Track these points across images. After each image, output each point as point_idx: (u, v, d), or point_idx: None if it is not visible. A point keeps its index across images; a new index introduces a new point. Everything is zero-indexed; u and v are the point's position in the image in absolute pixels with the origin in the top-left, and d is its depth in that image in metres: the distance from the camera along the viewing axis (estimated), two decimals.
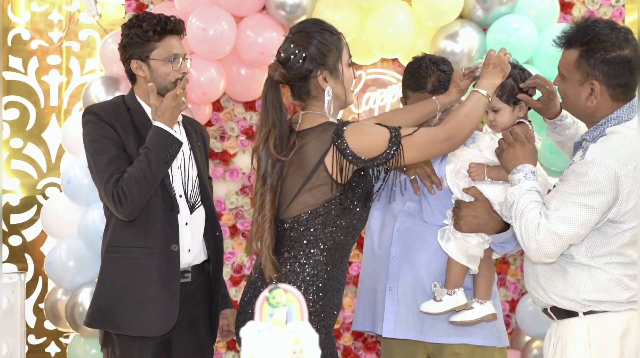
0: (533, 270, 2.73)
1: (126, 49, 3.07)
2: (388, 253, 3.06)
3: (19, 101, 5.02)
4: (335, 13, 4.07)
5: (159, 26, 3.03)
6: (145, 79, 3.07)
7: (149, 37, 3.03)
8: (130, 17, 3.15)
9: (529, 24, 4.01)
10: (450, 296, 2.89)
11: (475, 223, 2.86)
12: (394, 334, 3.02)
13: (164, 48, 3.05)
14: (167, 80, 3.06)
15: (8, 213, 4.99)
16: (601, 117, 2.61)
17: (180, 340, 3.11)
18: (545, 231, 2.52)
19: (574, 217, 2.50)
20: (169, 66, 3.06)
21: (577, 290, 2.59)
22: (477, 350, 3.00)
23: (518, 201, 2.62)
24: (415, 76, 3.00)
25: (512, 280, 4.30)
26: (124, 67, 3.13)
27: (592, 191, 2.49)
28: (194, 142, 3.21)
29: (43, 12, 5.01)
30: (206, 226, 3.18)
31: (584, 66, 2.58)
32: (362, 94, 4.46)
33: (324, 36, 2.72)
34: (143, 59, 3.05)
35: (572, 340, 2.61)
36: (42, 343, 4.97)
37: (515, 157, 2.70)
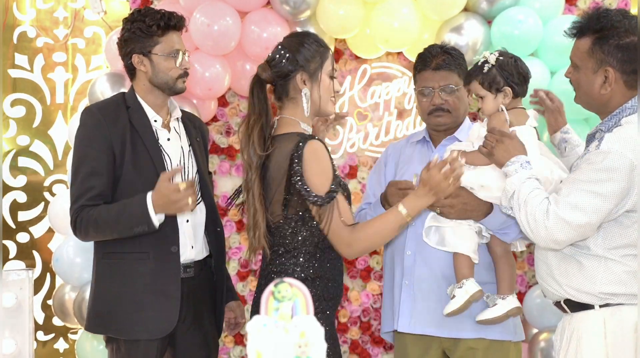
0: (546, 263, 2.72)
1: (127, 43, 3.07)
2: (403, 249, 3.06)
3: (25, 98, 5.03)
4: (340, 7, 4.06)
5: (163, 21, 3.04)
6: (146, 74, 3.07)
7: (152, 32, 3.03)
8: (131, 12, 3.16)
9: (533, 16, 4.00)
10: (460, 289, 2.89)
11: (465, 210, 2.90)
12: (409, 329, 3.02)
13: (167, 43, 3.05)
14: (169, 75, 3.06)
15: (15, 210, 5.01)
16: (615, 107, 2.60)
17: (185, 335, 3.12)
18: (555, 217, 2.51)
19: (586, 205, 2.48)
20: (172, 61, 3.06)
21: (594, 283, 2.58)
22: (493, 344, 3.00)
23: (519, 189, 2.62)
24: (422, 57, 3.16)
25: (519, 273, 4.30)
26: (124, 62, 3.12)
27: (606, 179, 2.47)
28: (193, 138, 3.21)
29: (48, 10, 5.02)
30: (207, 222, 3.19)
31: (598, 53, 2.58)
32: (367, 88, 4.46)
33: (310, 44, 2.87)
34: (145, 53, 3.05)
35: (587, 333, 2.60)
36: (50, 340, 4.99)
37: (507, 151, 2.72)
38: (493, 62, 2.88)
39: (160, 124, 3.11)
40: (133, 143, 3.00)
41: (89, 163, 2.96)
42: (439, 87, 3.08)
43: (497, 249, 3.00)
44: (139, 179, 2.99)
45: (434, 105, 3.08)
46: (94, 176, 2.95)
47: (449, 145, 3.11)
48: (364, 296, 4.35)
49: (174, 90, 3.11)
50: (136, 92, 3.11)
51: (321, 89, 2.86)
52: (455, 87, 3.09)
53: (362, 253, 2.81)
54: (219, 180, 4.39)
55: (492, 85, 2.89)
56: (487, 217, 2.91)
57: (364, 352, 4.38)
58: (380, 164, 3.28)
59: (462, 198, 2.87)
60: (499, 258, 3.00)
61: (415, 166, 3.11)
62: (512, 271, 3.01)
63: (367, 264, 4.37)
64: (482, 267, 3.01)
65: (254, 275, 4.38)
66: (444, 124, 3.12)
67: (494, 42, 4.03)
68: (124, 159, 2.98)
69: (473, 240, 2.93)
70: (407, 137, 3.39)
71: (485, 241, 2.99)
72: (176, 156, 3.10)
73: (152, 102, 3.11)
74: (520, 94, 2.93)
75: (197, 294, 3.13)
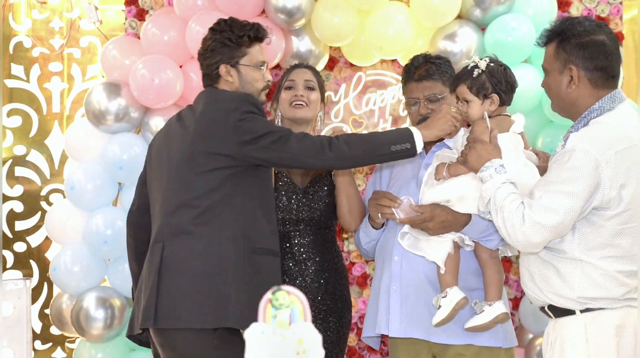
0: (528, 270, 2.73)
1: (214, 53, 3.02)
2: (391, 254, 3.08)
3: (21, 108, 5.04)
4: (334, 16, 4.08)
5: (252, 32, 3.03)
6: (232, 85, 3.03)
7: (242, 42, 3.01)
8: (217, 21, 3.11)
9: (527, 23, 4.03)
10: (445, 299, 2.90)
11: (444, 227, 2.92)
12: (399, 333, 3.03)
13: (254, 54, 3.04)
14: (255, 87, 3.04)
15: (12, 220, 5.01)
16: (584, 107, 2.64)
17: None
18: (530, 221, 2.52)
19: (558, 205, 2.50)
20: (258, 72, 3.04)
21: (572, 288, 2.59)
22: (483, 350, 2.99)
23: (494, 195, 2.64)
24: (407, 69, 3.20)
25: (515, 278, 4.32)
26: (206, 71, 3.07)
27: (573, 177, 2.50)
28: None
29: (44, 20, 5.04)
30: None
31: (562, 53, 2.65)
32: (362, 96, 4.48)
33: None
34: (233, 64, 3.02)
35: (570, 338, 2.60)
36: (48, 349, 4.98)
37: (480, 156, 2.74)
38: (483, 68, 2.89)
39: None
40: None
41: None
42: (423, 97, 3.11)
43: (483, 256, 3.00)
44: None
45: (421, 115, 3.12)
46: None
47: (438, 151, 3.14)
48: (360, 303, 4.36)
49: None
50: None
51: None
52: (439, 96, 3.11)
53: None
54: None
55: (480, 90, 2.90)
56: (466, 227, 2.93)
57: None
58: (377, 177, 3.30)
59: (437, 217, 2.90)
60: (485, 264, 3.00)
61: (407, 176, 3.15)
62: (499, 278, 3.01)
63: (363, 270, 4.39)
64: (470, 273, 3.01)
65: None
66: None
67: (488, 49, 4.06)
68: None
69: (445, 250, 2.95)
70: None
71: (470, 249, 2.99)
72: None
73: None
74: (506, 103, 2.96)
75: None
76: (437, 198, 2.92)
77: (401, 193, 3.03)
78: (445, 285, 2.92)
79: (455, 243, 2.96)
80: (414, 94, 3.14)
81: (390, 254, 3.08)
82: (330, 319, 3.31)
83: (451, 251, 2.94)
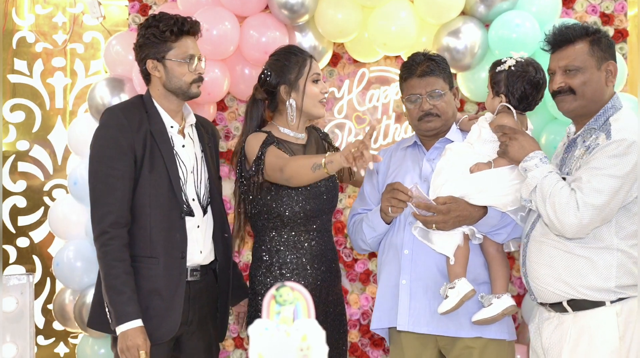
0: (550, 266, 2.80)
1: (142, 49, 3.09)
2: (401, 248, 3.09)
3: (24, 103, 5.04)
4: (338, 12, 4.07)
5: (176, 27, 3.05)
6: (160, 80, 3.09)
7: (166, 37, 3.04)
8: (146, 17, 3.17)
9: (530, 20, 4.01)
10: (453, 290, 2.92)
11: (459, 221, 2.96)
12: (408, 327, 3.04)
13: (180, 49, 3.07)
14: (183, 80, 3.09)
15: (15, 215, 5.02)
16: (603, 104, 2.84)
17: (191, 338, 3.14)
18: (583, 204, 2.66)
19: (605, 187, 2.66)
20: (185, 66, 3.07)
21: (609, 278, 2.72)
22: (490, 343, 3.03)
23: (541, 183, 2.74)
24: (406, 66, 3.22)
25: (518, 275, 4.31)
26: (139, 67, 3.14)
27: (621, 162, 2.67)
28: (205, 144, 3.24)
29: (47, 15, 5.04)
30: (215, 227, 3.21)
31: (598, 52, 2.82)
32: (365, 92, 4.47)
33: (287, 57, 3.30)
34: (159, 59, 3.07)
35: (600, 329, 2.71)
36: (51, 344, 5.00)
37: (522, 147, 2.84)
38: (506, 67, 2.96)
39: (176, 130, 3.14)
40: (151, 148, 3.03)
41: (110, 187, 2.99)
42: (426, 93, 3.13)
43: (490, 249, 3.04)
44: (152, 184, 3.02)
45: (423, 111, 3.13)
46: (116, 202, 2.99)
47: (440, 148, 3.15)
48: (363, 299, 4.36)
49: (188, 95, 3.13)
50: (152, 97, 3.13)
51: (305, 95, 3.24)
52: (442, 92, 3.14)
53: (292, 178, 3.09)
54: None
55: (494, 86, 2.99)
56: (481, 220, 2.96)
57: (364, 355, 4.39)
58: (372, 172, 3.30)
59: (453, 211, 2.92)
60: (492, 258, 3.04)
61: (407, 169, 3.18)
62: (506, 271, 3.05)
63: (366, 267, 4.38)
64: (480, 266, 3.04)
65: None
66: (435, 128, 3.16)
67: (492, 45, 4.05)
68: (143, 164, 3.01)
69: (455, 242, 2.97)
70: (397, 143, 3.45)
71: (478, 242, 3.02)
72: (190, 163, 3.13)
73: (167, 107, 3.14)
74: (517, 107, 3.00)
75: (202, 297, 3.16)
76: (455, 191, 2.94)
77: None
78: (454, 275, 2.95)
79: (465, 235, 2.98)
80: (416, 89, 3.14)
81: (400, 247, 3.09)
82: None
83: (461, 244, 2.97)
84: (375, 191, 3.26)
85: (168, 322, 3.03)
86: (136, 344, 2.92)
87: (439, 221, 2.93)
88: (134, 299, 2.95)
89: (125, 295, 2.94)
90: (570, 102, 2.86)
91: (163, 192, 3.02)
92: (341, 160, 2.84)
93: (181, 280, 3.05)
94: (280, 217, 3.26)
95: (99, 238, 2.98)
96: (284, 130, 3.32)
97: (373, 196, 3.26)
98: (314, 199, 3.26)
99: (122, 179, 2.98)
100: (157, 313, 3.01)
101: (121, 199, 2.98)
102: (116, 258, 2.95)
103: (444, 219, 2.92)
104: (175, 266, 3.03)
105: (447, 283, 2.97)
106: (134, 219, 3.01)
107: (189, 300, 3.09)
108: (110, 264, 2.95)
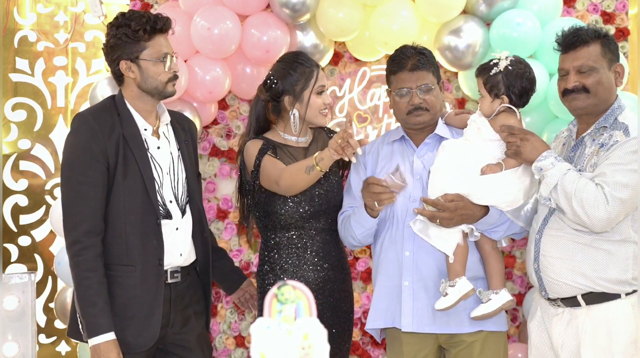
0: (570, 260, 2.86)
1: (114, 50, 2.99)
2: (401, 249, 3.09)
3: (26, 102, 5.04)
4: (339, 10, 4.07)
5: (149, 25, 2.96)
6: (134, 81, 3.00)
7: (139, 36, 2.95)
8: (115, 16, 3.04)
9: (532, 19, 4.01)
10: (453, 288, 2.94)
11: (463, 219, 2.97)
12: (411, 328, 3.06)
13: (154, 47, 2.99)
14: (159, 80, 3.01)
15: (17, 214, 5.02)
16: (611, 103, 2.94)
17: (176, 337, 3.11)
18: (612, 198, 2.72)
19: (629, 181, 2.73)
20: (160, 65, 3.00)
21: (627, 270, 2.79)
22: (490, 335, 3.08)
23: (562, 181, 2.78)
24: (396, 59, 3.21)
25: (519, 274, 4.32)
26: (111, 69, 3.04)
27: (637, 159, 2.74)
28: (182, 141, 3.17)
29: (49, 14, 5.04)
30: (194, 228, 3.16)
31: (608, 53, 2.93)
32: (366, 91, 4.47)
33: (294, 68, 3.31)
34: (133, 59, 2.97)
35: (618, 321, 2.77)
36: (52, 343, 5.00)
37: (535, 148, 2.88)
38: (501, 69, 2.96)
39: (150, 132, 3.07)
40: (124, 153, 2.95)
41: (82, 195, 2.92)
42: (416, 87, 3.13)
43: (486, 246, 3.08)
44: (126, 191, 2.96)
45: (413, 105, 3.13)
46: (90, 210, 2.93)
47: (430, 143, 3.16)
48: (364, 298, 4.36)
49: (163, 94, 3.07)
50: (125, 98, 3.05)
51: (309, 107, 3.27)
52: (432, 86, 3.14)
53: (286, 187, 3.17)
54: (219, 183, 4.40)
55: (492, 89, 2.99)
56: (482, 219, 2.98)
57: (365, 354, 4.39)
58: (359, 166, 3.29)
59: (460, 209, 2.94)
60: (488, 254, 3.08)
61: (396, 162, 3.18)
62: (502, 267, 3.10)
63: (367, 266, 4.39)
64: (476, 263, 3.09)
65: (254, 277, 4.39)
66: (423, 122, 3.17)
67: (493, 44, 4.05)
68: (116, 170, 2.94)
69: (455, 240, 2.99)
70: (382, 136, 3.44)
71: (476, 239, 3.05)
72: (166, 164, 3.07)
73: (141, 108, 3.06)
74: (518, 105, 3.01)
75: (184, 298, 3.13)
76: (461, 189, 2.95)
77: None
78: (454, 274, 2.97)
79: (464, 233, 3.00)
80: (406, 83, 3.14)
81: (400, 249, 3.09)
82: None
83: (460, 242, 2.98)
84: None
85: (147, 330, 2.98)
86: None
87: (445, 218, 2.94)
88: (106, 311, 2.89)
89: (97, 307, 2.88)
90: (584, 100, 2.92)
91: (138, 198, 2.95)
92: (331, 154, 2.94)
93: (159, 287, 2.99)
94: (282, 219, 3.30)
95: (72, 248, 2.91)
96: (285, 135, 3.38)
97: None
98: (310, 202, 3.28)
99: (95, 187, 2.90)
100: (135, 321, 2.97)
101: (94, 207, 2.91)
102: (89, 269, 2.89)
103: (450, 216, 2.94)
104: (152, 273, 2.98)
105: (446, 281, 2.98)
106: (108, 227, 2.95)
107: (170, 302, 3.05)
108: (83, 275, 2.89)
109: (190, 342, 3.15)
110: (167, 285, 3.05)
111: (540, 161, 2.85)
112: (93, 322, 2.88)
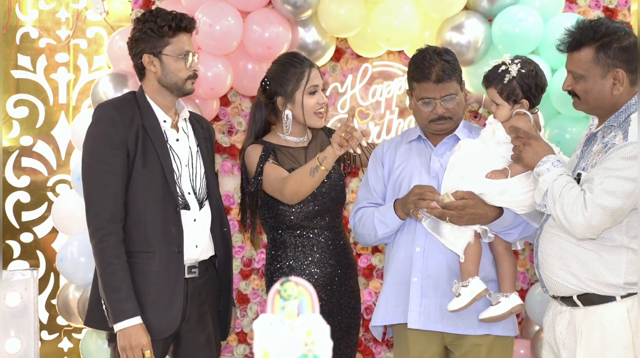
0: (561, 259, 2.80)
1: (138, 43, 3.09)
2: (412, 245, 3.08)
3: (28, 98, 5.04)
4: (341, 7, 4.07)
5: (174, 22, 3.06)
6: (155, 75, 3.09)
7: (164, 32, 3.04)
8: (143, 12, 3.16)
9: (534, 15, 4.01)
10: (466, 288, 2.92)
11: (473, 218, 2.95)
12: (418, 325, 3.04)
13: (177, 44, 3.08)
14: (178, 76, 3.09)
15: (19, 211, 5.03)
16: (621, 105, 2.77)
17: (189, 335, 3.14)
18: (592, 204, 2.64)
19: (618, 189, 2.63)
20: (181, 62, 3.08)
21: (618, 274, 2.71)
22: (497, 340, 3.05)
23: (552, 186, 2.73)
24: (420, 67, 3.10)
25: (522, 270, 4.31)
26: (133, 62, 3.13)
27: (633, 165, 2.63)
28: (201, 138, 3.24)
29: (50, 11, 5.04)
30: (213, 222, 3.20)
31: (603, 59, 2.75)
32: (368, 87, 4.47)
33: (285, 69, 3.35)
34: (155, 54, 3.07)
35: (612, 324, 2.72)
36: (55, 339, 5.00)
37: (536, 153, 2.83)
38: (514, 74, 2.92)
39: (169, 124, 3.13)
40: (144, 143, 3.02)
41: (103, 183, 2.99)
42: (440, 97, 3.07)
43: (499, 248, 3.04)
44: (146, 179, 3.01)
45: (437, 115, 3.09)
46: (111, 198, 3.00)
47: (448, 143, 3.15)
48: (366, 295, 4.36)
49: (182, 91, 3.14)
50: (145, 92, 3.13)
51: (303, 107, 3.32)
52: (456, 96, 3.10)
53: (291, 195, 3.19)
54: (221, 179, 4.40)
55: (510, 96, 2.95)
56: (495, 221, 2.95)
57: (367, 350, 4.40)
58: (377, 163, 3.28)
59: (469, 208, 2.91)
60: (501, 256, 3.04)
61: (415, 164, 3.17)
62: (514, 270, 3.05)
63: (369, 262, 4.39)
64: (489, 265, 3.06)
65: (256, 274, 4.40)
66: (446, 129, 3.16)
67: (495, 40, 4.04)
68: (135, 159, 3.00)
69: (465, 239, 2.97)
70: (400, 135, 3.42)
71: (489, 240, 3.02)
72: (185, 157, 3.13)
73: (160, 102, 3.13)
74: (536, 104, 2.99)
75: (201, 294, 3.15)
76: (475, 189, 2.94)
77: (413, 184, 3.05)
78: (467, 274, 2.95)
79: (477, 233, 2.98)
80: (431, 94, 3.07)
81: (411, 245, 3.08)
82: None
83: (471, 241, 2.97)
84: (381, 184, 3.24)
85: (168, 317, 3.02)
86: (140, 344, 2.92)
87: (454, 215, 2.92)
88: (131, 296, 2.95)
89: (122, 293, 2.94)
90: (578, 105, 2.87)
91: (157, 186, 3.01)
92: (334, 150, 2.97)
93: (179, 275, 3.04)
94: (288, 220, 3.33)
95: (95, 234, 2.98)
96: (284, 136, 3.41)
97: (379, 188, 3.24)
98: (315, 201, 3.30)
99: (115, 175, 2.98)
100: (156, 308, 3.00)
101: (115, 194, 2.98)
102: (113, 255, 2.95)
103: (459, 214, 2.92)
104: (172, 261, 3.02)
105: (459, 281, 2.96)
106: (128, 214, 3.01)
107: (187, 297, 3.08)
108: (107, 261, 2.95)
109: (202, 337, 3.17)
110: (185, 280, 3.08)
111: (539, 166, 2.81)
112: (119, 307, 2.94)
